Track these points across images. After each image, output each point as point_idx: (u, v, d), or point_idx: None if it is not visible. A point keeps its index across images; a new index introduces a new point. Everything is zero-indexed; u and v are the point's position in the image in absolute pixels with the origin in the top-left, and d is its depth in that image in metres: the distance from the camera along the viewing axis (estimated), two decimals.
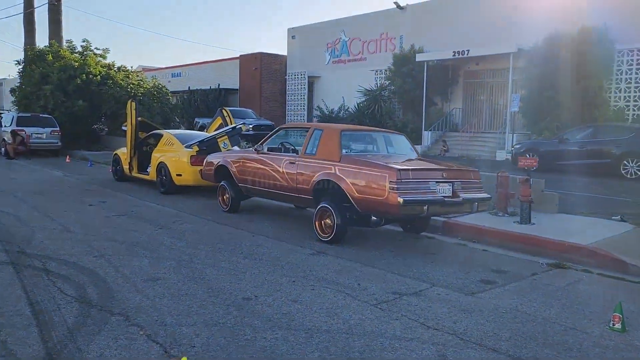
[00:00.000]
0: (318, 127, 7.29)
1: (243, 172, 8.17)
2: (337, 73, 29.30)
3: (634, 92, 17.29)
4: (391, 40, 26.60)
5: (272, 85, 32.85)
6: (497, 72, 21.82)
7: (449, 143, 21.60)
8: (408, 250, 6.43)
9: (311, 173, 6.87)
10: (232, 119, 12.85)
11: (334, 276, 5.17)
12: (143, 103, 21.50)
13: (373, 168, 6.14)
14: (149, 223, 7.66)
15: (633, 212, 8.43)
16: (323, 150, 6.87)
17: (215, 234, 7.01)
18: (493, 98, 22.42)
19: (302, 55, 31.47)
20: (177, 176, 10.45)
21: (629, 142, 13.08)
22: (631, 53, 17.30)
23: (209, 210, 8.91)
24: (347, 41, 28.97)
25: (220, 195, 8.83)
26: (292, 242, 6.66)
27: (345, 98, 27.74)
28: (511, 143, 19.29)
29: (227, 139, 10.70)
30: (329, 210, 6.54)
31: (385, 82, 24.92)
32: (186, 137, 11.29)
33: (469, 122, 23.05)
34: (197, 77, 37.22)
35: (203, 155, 10.29)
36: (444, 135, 22.13)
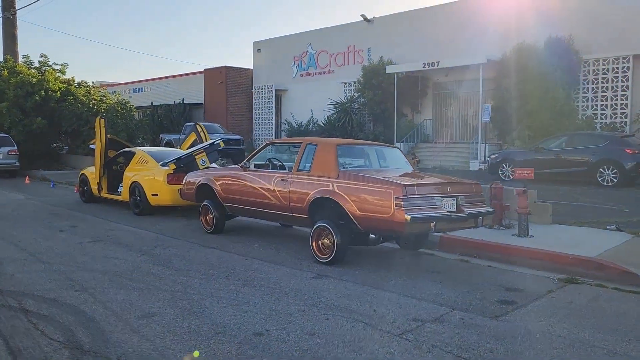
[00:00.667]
0: (311, 142, 6.92)
1: (228, 191, 7.72)
2: (305, 86, 29.08)
3: (600, 100, 17.68)
4: (359, 52, 26.59)
5: (238, 99, 32.36)
6: (467, 83, 21.99)
7: (420, 154, 21.59)
8: (412, 270, 6.11)
9: (306, 191, 6.49)
10: (207, 135, 12.37)
11: (345, 302, 4.79)
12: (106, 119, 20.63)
13: (376, 184, 5.81)
14: (128, 249, 7.09)
15: (624, 221, 8.40)
16: (318, 166, 6.51)
17: (204, 259, 6.52)
18: (463, 109, 22.61)
19: (268, 68, 31.14)
20: (153, 196, 9.87)
21: (604, 150, 13.25)
22: (596, 63, 17.71)
23: (191, 232, 8.39)
24: (315, 54, 28.83)
25: (203, 216, 8.33)
26: (289, 265, 6.24)
27: (313, 111, 27.53)
28: (484, 153, 19.42)
29: (205, 155, 10.21)
30: (328, 230, 6.16)
31: (355, 94, 24.83)
32: (160, 155, 10.73)
33: (440, 133, 23.17)
34: (160, 92, 36.37)
35: (180, 174, 9.79)
36: (414, 148, 22.13)
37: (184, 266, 6.14)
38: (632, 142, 13.28)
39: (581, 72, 17.98)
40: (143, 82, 38.09)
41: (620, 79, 17.23)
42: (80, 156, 21.29)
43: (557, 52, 17.72)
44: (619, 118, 17.25)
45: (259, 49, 32.05)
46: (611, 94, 17.44)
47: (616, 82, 17.32)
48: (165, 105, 33.07)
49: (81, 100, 21.02)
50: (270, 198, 6.99)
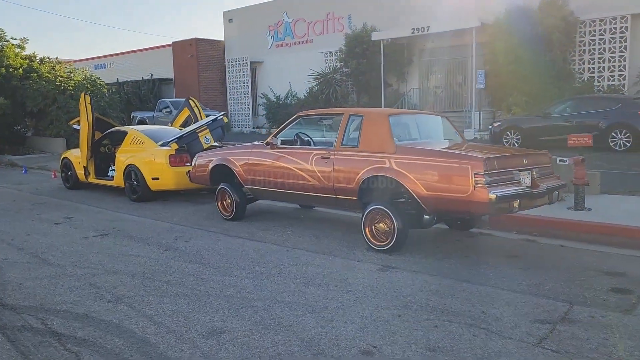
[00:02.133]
0: (355, 113, 6.05)
1: (252, 172, 6.80)
2: (282, 57, 27.84)
3: (598, 63, 17.27)
4: (339, 20, 25.49)
5: (211, 73, 30.87)
6: (455, 49, 21.29)
7: None
8: (484, 255, 5.40)
9: (355, 169, 5.65)
10: (202, 110, 11.29)
11: (440, 302, 4.03)
12: (76, 97, 19.09)
13: (448, 158, 5.03)
14: (145, 243, 6.14)
15: None
16: (368, 140, 5.66)
17: (240, 252, 5.64)
18: (452, 76, 21.96)
19: (241, 39, 29.69)
20: (153, 180, 8.83)
21: (616, 114, 12.80)
22: (593, 24, 17.23)
23: (206, 219, 7.46)
24: (291, 23, 27.55)
25: (220, 201, 7.40)
26: (341, 255, 5.44)
27: (292, 83, 26.43)
28: (479, 121, 18.90)
29: (208, 132, 9.19)
30: (385, 213, 5.36)
31: (338, 64, 23.82)
32: (157, 134, 9.64)
33: (427, 103, 22.51)
34: (126, 67, 34.43)
35: (183, 154, 8.80)
36: None
37: (222, 262, 5.25)
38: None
39: (577, 34, 17.47)
40: (106, 58, 36.01)
41: (618, 39, 16.82)
42: (48, 139, 19.73)
43: (551, 13, 17.14)
44: (617, 80, 16.89)
45: (230, 19, 30.50)
46: (609, 55, 17.03)
47: (614, 43, 16.90)
48: (133, 82, 31.32)
49: (46, 77, 19.34)
50: (307, 179, 6.12)
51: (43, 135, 20.05)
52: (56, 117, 19.03)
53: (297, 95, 26.30)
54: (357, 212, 6.34)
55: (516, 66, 17.59)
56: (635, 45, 16.63)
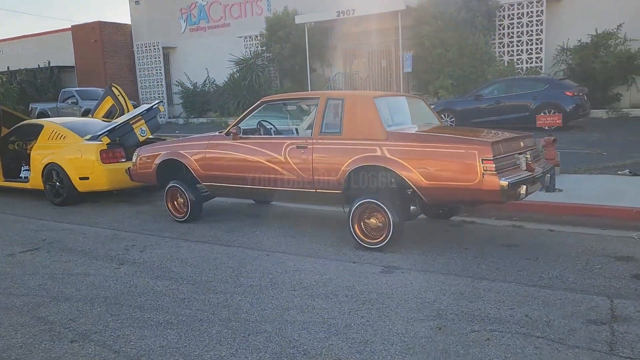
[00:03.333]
0: (334, 96, 5.42)
1: (211, 167, 5.97)
2: (197, 42, 26.39)
3: (517, 46, 17.83)
4: (257, 2, 24.51)
5: (118, 59, 28.66)
6: (380, 32, 21.17)
7: None
8: (479, 245, 5.02)
9: (339, 159, 5.04)
10: (127, 99, 10.10)
11: (473, 307, 3.57)
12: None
13: (451, 144, 4.56)
14: (91, 257, 5.15)
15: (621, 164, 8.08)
16: (352, 126, 5.07)
17: (212, 261, 4.86)
18: (377, 60, 21.83)
19: (151, 23, 27.77)
20: (81, 180, 7.65)
21: (544, 94, 13.18)
22: (512, 7, 17.73)
23: (155, 223, 6.53)
24: (205, 6, 26.13)
25: (170, 201, 6.49)
26: (333, 257, 4.83)
27: (210, 70, 25.17)
28: None
29: (144, 124, 8.12)
30: (377, 207, 4.83)
31: (260, 48, 22.88)
32: (80, 127, 8.39)
33: (353, 87, 22.27)
34: (17, 54, 31.17)
35: (116, 149, 7.72)
36: None
37: (197, 275, 4.46)
38: (571, 85, 13.37)
39: (497, 18, 17.92)
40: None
41: (535, 23, 17.44)
42: None
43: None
44: (535, 63, 17.56)
45: (137, 1, 28.40)
46: (526, 38, 17.63)
47: (531, 27, 17.50)
48: (27, 70, 28.34)
49: None
50: (280, 172, 5.42)
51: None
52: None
53: (215, 82, 25.07)
54: (338, 207, 5.76)
55: (442, 50, 17.76)
56: (550, 29, 17.33)
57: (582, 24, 16.62)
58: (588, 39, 16.31)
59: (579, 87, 13.39)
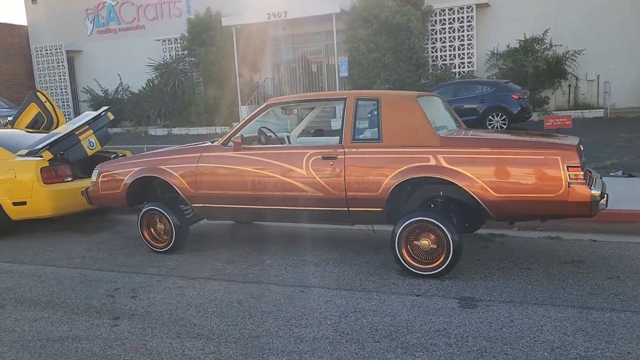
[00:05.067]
0: (365, 96, 4.59)
1: (205, 185, 4.89)
2: (107, 45, 24.23)
3: (449, 50, 17.98)
4: (175, 3, 22.96)
5: (13, 64, 25.67)
6: (310, 36, 20.59)
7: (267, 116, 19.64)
8: (538, 265, 4.44)
9: (381, 171, 4.23)
10: (56, 106, 8.56)
11: (622, 350, 2.92)
12: None
13: (527, 149, 3.91)
14: (68, 310, 3.90)
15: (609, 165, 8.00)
16: (395, 131, 4.27)
17: (238, 305, 3.83)
18: (307, 65, 21.17)
19: (51, 24, 25.14)
20: (16, 206, 6.15)
21: (491, 97, 13.24)
22: (443, 12, 17.88)
23: (128, 256, 5.29)
24: (115, 6, 24.08)
25: (146, 227, 5.30)
26: (379, 289, 4.01)
27: (122, 75, 23.21)
28: None
29: (92, 134, 6.76)
30: (431, 226, 4.08)
31: (182, 52, 21.34)
32: (7, 140, 6.83)
33: (283, 93, 21.44)
34: None
35: (60, 165, 6.33)
36: None
37: (230, 328, 3.43)
38: (516, 88, 13.53)
39: (429, 22, 17.98)
40: None
41: (465, 28, 17.69)
42: None
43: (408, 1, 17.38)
44: (467, 67, 17.81)
45: (34, 0, 25.60)
46: (458, 43, 17.84)
47: (462, 32, 17.74)
48: None
49: None
50: (301, 188, 4.50)
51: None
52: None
53: (130, 89, 23.13)
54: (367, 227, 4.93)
55: (378, 54, 17.49)
56: (480, 34, 17.67)
57: (509, 29, 17.09)
58: (516, 44, 16.81)
59: (523, 90, 13.61)
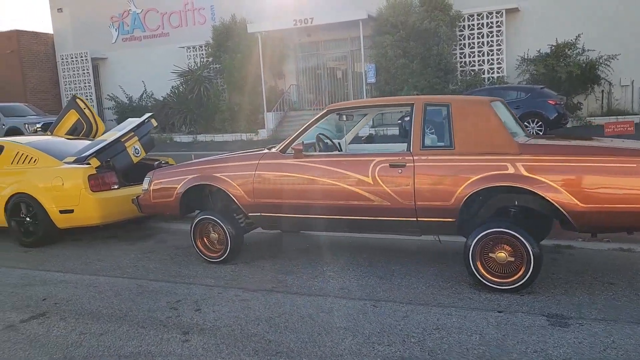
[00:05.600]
0: (433, 101, 4.41)
1: (265, 193, 4.73)
2: (131, 52, 24.39)
3: (478, 56, 17.73)
4: (199, 11, 23.05)
5: (39, 72, 25.95)
6: (335, 42, 20.48)
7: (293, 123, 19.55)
8: (624, 278, 4.22)
9: (454, 180, 4.04)
10: (95, 112, 8.52)
11: None
12: None
13: (617, 156, 3.70)
14: (133, 324, 3.76)
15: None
16: (469, 138, 4.09)
17: (309, 320, 3.66)
18: (332, 71, 21.06)
19: (76, 32, 25.41)
20: (63, 214, 6.06)
21: (527, 103, 12.97)
22: (472, 18, 17.65)
23: (181, 266, 5.15)
24: (140, 14, 24.25)
25: (200, 237, 5.16)
26: (460, 305, 3.80)
27: (147, 82, 23.31)
28: None
29: (137, 141, 6.67)
30: (510, 238, 3.88)
31: (207, 59, 21.35)
32: (52, 146, 6.77)
33: (307, 100, 21.36)
34: None
35: (107, 173, 6.23)
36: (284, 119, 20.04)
37: (309, 345, 3.26)
38: (552, 94, 13.24)
39: (457, 27, 17.77)
40: None
41: (495, 33, 17.44)
42: None
43: (436, 7, 17.20)
44: (496, 73, 17.54)
45: (60, 8, 25.93)
46: (487, 49, 17.60)
47: (491, 37, 17.49)
48: None
49: None
50: (367, 197, 4.33)
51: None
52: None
53: (154, 96, 23.24)
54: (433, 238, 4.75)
55: (405, 60, 17.32)
56: (510, 39, 17.41)
57: (540, 34, 16.82)
58: (548, 49, 16.50)
59: (559, 96, 13.32)
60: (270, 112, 19.62)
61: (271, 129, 19.43)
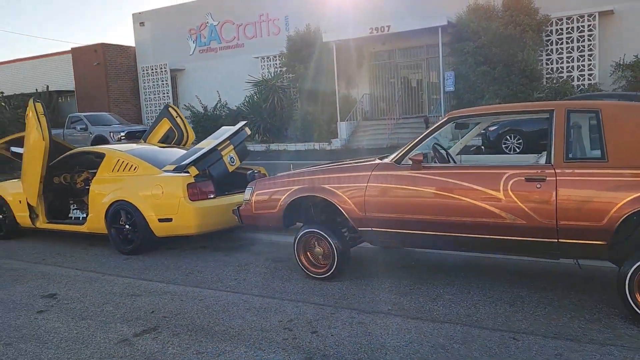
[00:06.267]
0: (578, 107, 3.96)
1: (379, 207, 4.40)
2: (207, 63, 25.01)
3: (567, 62, 16.75)
4: (274, 21, 23.30)
5: (121, 83, 27.08)
6: (410, 50, 20.04)
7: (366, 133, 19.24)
8: None
9: (608, 197, 3.55)
10: (186, 121, 8.54)
11: None
12: None
13: None
14: (250, 344, 3.53)
15: None
16: (627, 149, 3.59)
17: (440, 350, 3.28)
18: (406, 80, 20.61)
19: (156, 45, 26.37)
20: (162, 222, 6.00)
21: None
22: (560, 22, 16.71)
23: (283, 281, 4.91)
24: (217, 26, 24.83)
25: (304, 251, 4.90)
26: (618, 343, 3.31)
27: (221, 92, 23.74)
28: None
29: (232, 150, 6.55)
30: None
31: (281, 69, 21.48)
32: (151, 154, 6.78)
33: (379, 109, 20.98)
34: (11, 79, 29.37)
35: (205, 182, 6.11)
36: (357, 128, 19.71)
37: None
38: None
39: (544, 32, 16.86)
40: None
41: (586, 37, 16.41)
42: None
43: (521, 11, 16.41)
44: (587, 79, 16.48)
45: (142, 22, 27.04)
46: (577, 54, 16.59)
47: (582, 42, 16.48)
48: (24, 95, 26.49)
49: None
50: (497, 214, 3.91)
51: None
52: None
53: (228, 105, 23.63)
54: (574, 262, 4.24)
55: (486, 67, 16.60)
56: (603, 43, 16.33)
57: (637, 38, 15.65)
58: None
59: None
60: (344, 122, 19.40)
61: (344, 139, 19.20)
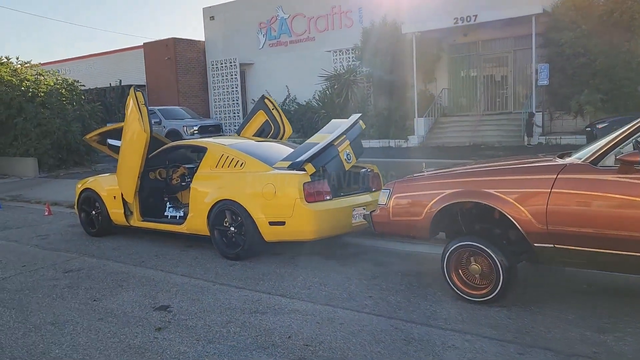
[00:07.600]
0: None
1: (568, 219, 3.52)
2: (277, 57, 24.51)
3: None
4: (346, 14, 22.50)
5: (191, 77, 27.04)
6: (496, 42, 18.76)
7: (447, 130, 18.17)
8: None
9: None
10: (282, 114, 7.90)
11: None
12: (50, 106, 15.07)
13: None
14: None
15: None
16: None
17: None
18: (489, 74, 19.35)
19: (225, 39, 26.14)
20: (273, 226, 5.36)
21: None
22: None
23: (432, 303, 4.13)
24: (287, 19, 24.29)
25: (457, 268, 4.10)
26: None
27: (290, 87, 23.21)
28: (541, 123, 16.32)
29: (349, 146, 5.83)
30: None
31: (355, 62, 20.68)
32: (259, 150, 6.15)
33: (459, 105, 19.82)
34: (87, 73, 29.92)
35: (320, 182, 5.41)
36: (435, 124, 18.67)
37: None
38: None
39: None
40: (62, 63, 31.22)
41: None
42: (11, 159, 15.50)
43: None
44: None
45: (212, 17, 26.90)
46: None
47: None
48: (98, 89, 26.95)
49: (8, 81, 15.15)
50: None
51: (5, 154, 15.72)
52: (23, 130, 14.90)
53: (297, 100, 23.09)
54: None
55: (586, 59, 15.18)
56: None
57: None
58: None
59: None
60: (422, 118, 18.41)
61: (422, 136, 18.23)
